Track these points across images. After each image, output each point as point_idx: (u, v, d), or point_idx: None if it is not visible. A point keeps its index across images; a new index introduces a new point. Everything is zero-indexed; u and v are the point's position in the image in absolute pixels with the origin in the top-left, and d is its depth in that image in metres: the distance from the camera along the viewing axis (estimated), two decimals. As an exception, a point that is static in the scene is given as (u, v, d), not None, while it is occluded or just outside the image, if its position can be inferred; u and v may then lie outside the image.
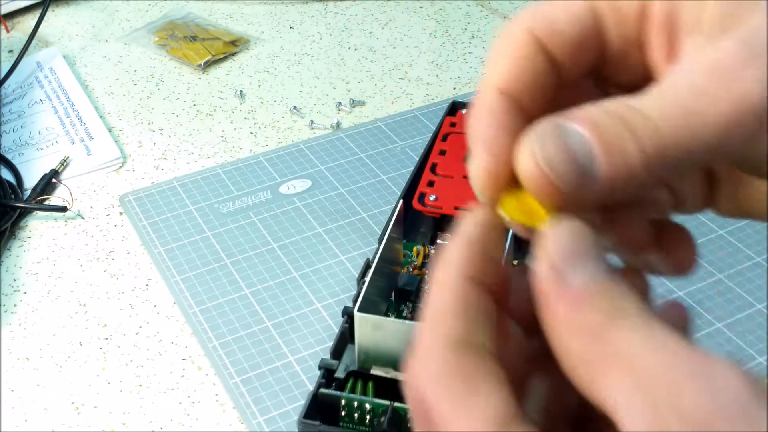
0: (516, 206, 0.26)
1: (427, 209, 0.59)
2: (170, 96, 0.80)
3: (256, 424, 0.50)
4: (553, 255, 0.24)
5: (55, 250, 0.63)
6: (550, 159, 0.24)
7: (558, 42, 0.27)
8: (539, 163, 0.24)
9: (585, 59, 0.27)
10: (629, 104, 0.24)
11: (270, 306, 0.58)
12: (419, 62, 0.84)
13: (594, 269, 0.23)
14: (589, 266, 0.23)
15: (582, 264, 0.23)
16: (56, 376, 0.54)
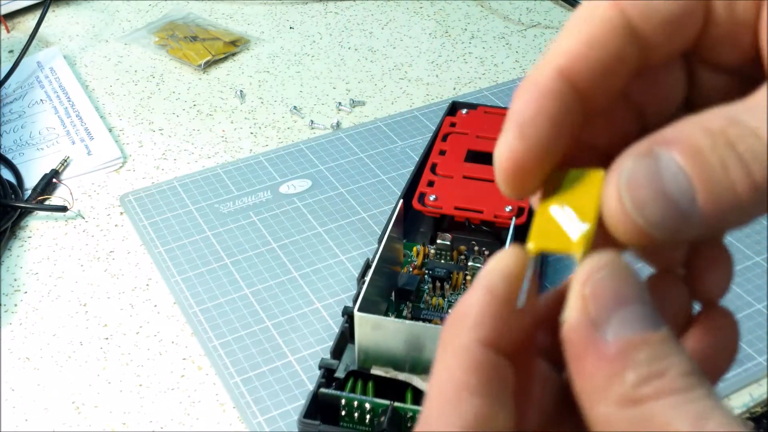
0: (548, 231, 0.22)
1: (427, 209, 0.59)
2: (170, 96, 0.80)
3: (256, 424, 0.50)
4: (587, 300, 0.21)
5: (56, 250, 0.63)
6: (643, 206, 0.20)
7: (652, 19, 0.23)
8: (629, 211, 0.21)
9: (681, 39, 0.24)
10: (735, 118, 0.20)
11: (270, 306, 0.58)
12: (419, 62, 0.84)
13: (634, 319, 0.20)
14: (629, 316, 0.20)
15: (621, 313, 0.20)
16: (56, 376, 0.54)
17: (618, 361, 0.20)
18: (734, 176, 0.20)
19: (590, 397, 0.20)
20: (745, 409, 0.52)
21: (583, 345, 0.20)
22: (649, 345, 0.20)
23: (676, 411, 0.19)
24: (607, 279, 0.21)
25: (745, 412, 0.52)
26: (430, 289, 0.56)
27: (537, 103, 0.23)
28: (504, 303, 0.22)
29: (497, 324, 0.21)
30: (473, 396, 0.21)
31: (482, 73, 0.83)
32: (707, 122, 0.20)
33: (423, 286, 0.57)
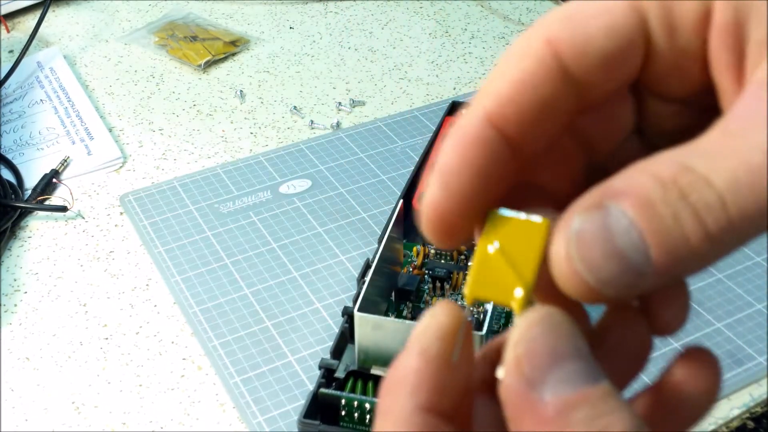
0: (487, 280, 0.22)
1: (427, 209, 0.59)
2: (170, 96, 0.80)
3: (256, 424, 0.50)
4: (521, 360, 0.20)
5: (56, 250, 0.63)
6: (593, 266, 0.20)
7: (586, 58, 0.22)
8: (579, 270, 0.20)
9: (620, 76, 0.22)
10: (687, 164, 0.19)
11: (270, 306, 0.58)
12: (419, 62, 0.84)
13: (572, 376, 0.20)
14: (566, 373, 0.20)
15: (557, 371, 0.20)
16: (56, 376, 0.54)
17: (556, 422, 0.19)
18: (687, 229, 0.19)
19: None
20: (745, 409, 0.52)
21: (520, 406, 0.20)
22: (588, 402, 0.19)
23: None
24: (541, 337, 0.20)
25: (745, 412, 0.52)
26: (430, 289, 0.56)
27: (461, 153, 0.22)
28: (440, 364, 0.21)
29: (435, 386, 0.21)
30: None
31: (482, 73, 0.83)
32: (657, 170, 0.20)
33: (423, 286, 0.57)
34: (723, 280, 0.59)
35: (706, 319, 0.56)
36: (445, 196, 0.22)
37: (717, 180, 0.19)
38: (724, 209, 0.19)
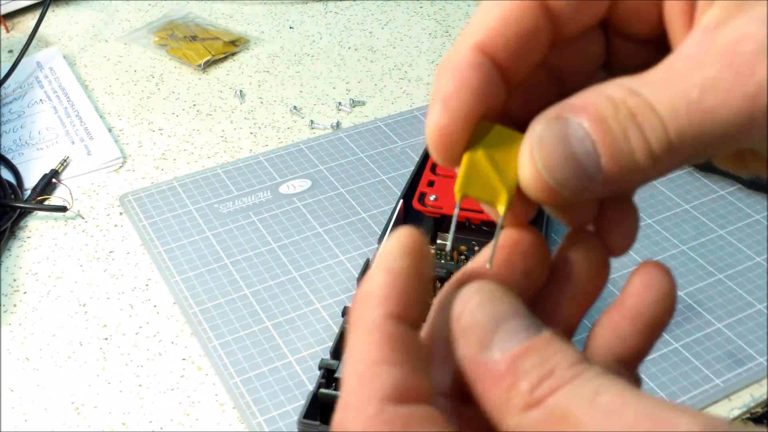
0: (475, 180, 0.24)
1: (427, 209, 0.59)
2: (170, 96, 0.80)
3: (256, 424, 0.50)
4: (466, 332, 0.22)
5: (55, 250, 0.63)
6: (552, 166, 0.23)
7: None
8: (540, 171, 0.23)
9: (590, 14, 0.25)
10: (636, 90, 0.22)
11: (270, 306, 0.58)
12: (419, 62, 0.84)
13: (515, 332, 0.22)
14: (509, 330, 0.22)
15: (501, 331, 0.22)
16: (56, 376, 0.54)
17: (509, 375, 0.21)
18: (634, 144, 0.22)
19: (497, 414, 0.21)
20: (746, 410, 0.52)
21: (476, 371, 0.22)
22: (534, 350, 0.21)
23: (571, 397, 0.20)
24: (479, 306, 0.22)
25: (745, 412, 0.52)
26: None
27: (458, 77, 0.24)
28: (405, 279, 0.22)
29: (402, 299, 0.22)
30: (390, 367, 0.21)
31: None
32: (610, 92, 0.22)
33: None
34: (723, 280, 0.59)
35: (706, 319, 0.56)
36: (447, 117, 0.24)
37: (659, 107, 0.22)
38: (665, 133, 0.22)
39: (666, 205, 0.65)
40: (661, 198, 0.66)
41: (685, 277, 0.59)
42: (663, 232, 0.63)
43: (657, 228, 0.63)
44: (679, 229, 0.63)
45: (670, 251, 0.61)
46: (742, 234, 0.63)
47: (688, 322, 0.56)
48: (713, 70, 0.22)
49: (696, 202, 0.66)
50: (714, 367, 0.53)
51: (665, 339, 0.55)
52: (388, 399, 0.21)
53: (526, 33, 0.25)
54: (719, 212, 0.65)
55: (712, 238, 0.63)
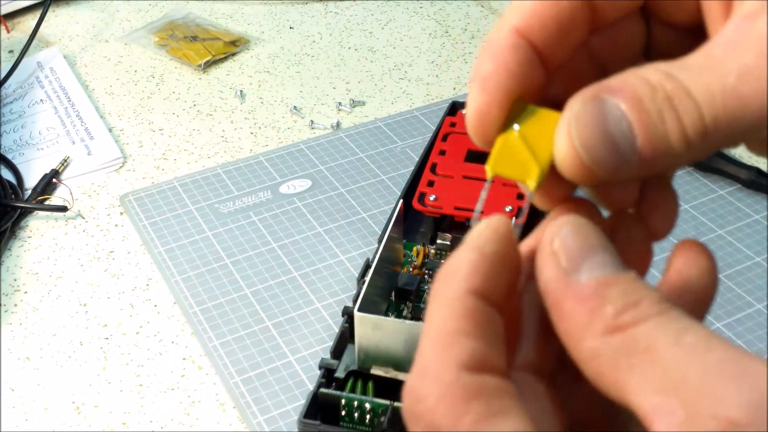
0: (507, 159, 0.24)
1: (427, 209, 0.59)
2: (170, 96, 0.80)
3: (256, 424, 0.50)
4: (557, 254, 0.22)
5: (56, 250, 0.63)
6: (588, 144, 0.23)
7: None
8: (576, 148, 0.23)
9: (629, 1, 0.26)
10: (673, 75, 0.23)
11: (270, 306, 0.58)
12: (419, 62, 0.84)
13: (603, 264, 0.22)
14: (598, 261, 0.22)
15: (590, 260, 0.22)
16: (56, 376, 0.54)
17: (595, 297, 0.21)
18: (669, 127, 0.22)
19: (574, 336, 0.22)
20: None
21: (560, 292, 0.22)
22: (620, 282, 0.22)
23: (656, 331, 0.20)
24: (572, 234, 0.23)
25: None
26: (430, 289, 0.56)
27: (496, 59, 0.25)
28: (492, 261, 0.23)
29: (486, 278, 0.23)
30: (468, 338, 0.22)
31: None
32: (647, 74, 0.23)
33: (423, 286, 0.57)
34: (723, 280, 0.59)
35: (706, 320, 0.56)
36: (485, 99, 0.24)
37: (695, 92, 0.22)
38: (700, 118, 0.22)
39: (666, 205, 0.65)
40: (660, 198, 0.66)
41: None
42: (663, 232, 0.63)
43: (657, 228, 0.63)
44: (679, 229, 0.63)
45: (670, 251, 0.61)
46: (742, 234, 0.63)
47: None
48: (750, 57, 0.22)
49: (696, 202, 0.66)
50: (714, 367, 0.53)
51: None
52: (465, 367, 0.21)
53: (564, 17, 0.25)
54: (719, 212, 0.65)
55: (712, 238, 0.63)
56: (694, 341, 0.20)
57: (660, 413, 0.20)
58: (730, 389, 0.19)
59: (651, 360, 0.20)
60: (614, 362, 0.21)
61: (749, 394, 0.19)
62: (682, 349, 0.20)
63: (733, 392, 0.19)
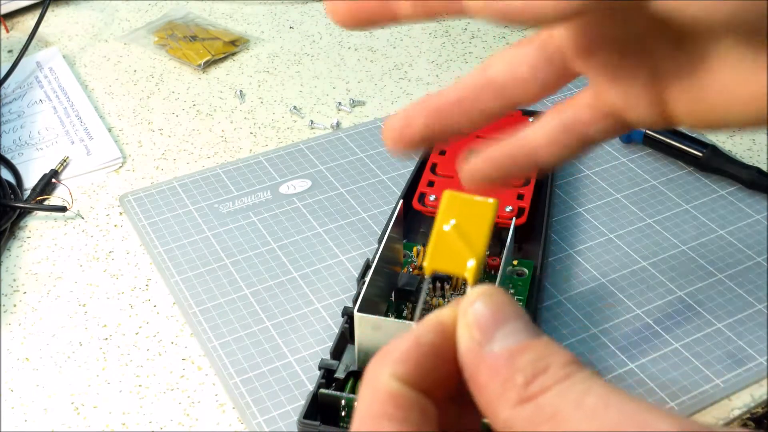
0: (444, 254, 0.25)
1: (427, 209, 0.59)
2: (170, 96, 0.80)
3: (256, 424, 0.50)
4: (471, 327, 0.23)
5: (55, 250, 0.63)
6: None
7: None
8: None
9: None
10: None
11: (270, 306, 0.58)
12: (419, 62, 0.84)
13: (516, 332, 0.23)
14: (511, 330, 0.23)
15: (503, 330, 0.23)
16: (56, 377, 0.54)
17: (506, 368, 0.22)
18: None
19: (490, 407, 0.22)
20: (746, 410, 0.52)
21: (475, 363, 0.23)
22: (532, 348, 0.22)
23: (560, 398, 0.21)
24: (484, 306, 0.23)
25: (746, 412, 0.52)
26: (430, 290, 0.56)
27: None
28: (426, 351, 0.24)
29: (416, 366, 0.23)
30: (390, 422, 0.22)
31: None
32: None
33: (423, 286, 0.57)
34: (723, 280, 0.59)
35: (706, 319, 0.56)
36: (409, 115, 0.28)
37: None
38: None
39: (666, 205, 0.65)
40: (661, 198, 0.66)
41: (685, 277, 0.59)
42: (663, 232, 0.63)
43: (657, 228, 0.63)
44: (679, 229, 0.63)
45: (670, 251, 0.61)
46: (742, 234, 0.63)
47: (688, 322, 0.56)
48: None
49: (696, 202, 0.66)
50: (714, 367, 0.53)
51: (665, 339, 0.55)
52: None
53: None
54: (719, 212, 0.65)
55: (712, 238, 0.63)
56: (594, 402, 0.21)
57: None
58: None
59: (557, 425, 0.21)
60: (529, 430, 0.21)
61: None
62: (582, 412, 0.21)
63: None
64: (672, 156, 0.69)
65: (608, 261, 0.61)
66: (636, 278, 0.59)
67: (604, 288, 0.59)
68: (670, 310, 0.57)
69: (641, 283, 0.59)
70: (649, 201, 0.66)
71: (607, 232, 0.63)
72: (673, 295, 0.58)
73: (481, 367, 0.22)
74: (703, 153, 0.67)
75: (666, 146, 0.69)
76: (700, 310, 0.57)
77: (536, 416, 0.21)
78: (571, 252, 0.61)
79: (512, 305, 0.24)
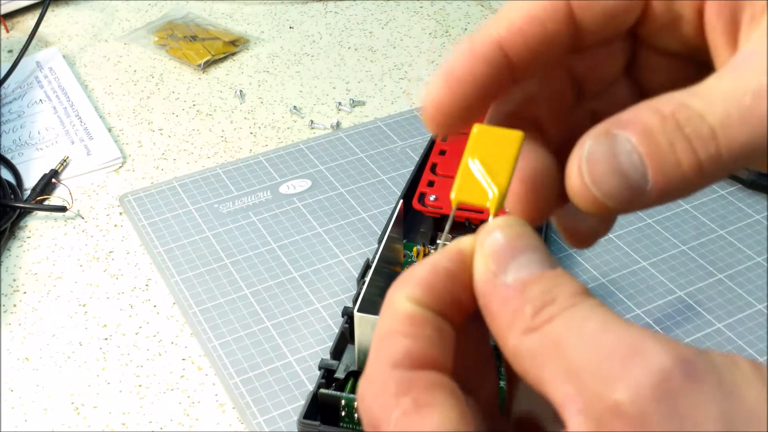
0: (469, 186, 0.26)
1: (427, 209, 0.59)
2: (170, 96, 0.80)
3: (256, 424, 0.50)
4: (486, 257, 0.23)
5: (55, 250, 0.63)
6: (600, 181, 0.23)
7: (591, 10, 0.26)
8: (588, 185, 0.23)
9: (615, 29, 0.26)
10: (685, 103, 0.23)
11: (270, 306, 0.58)
12: (419, 62, 0.84)
13: (529, 264, 0.23)
14: (524, 262, 0.23)
15: (516, 261, 0.23)
16: (56, 377, 0.54)
17: (516, 298, 0.22)
18: (681, 155, 0.22)
19: (500, 335, 0.23)
20: None
21: (489, 293, 0.23)
22: (542, 280, 0.22)
23: (564, 324, 0.21)
24: (501, 236, 0.24)
25: (745, 412, 0.52)
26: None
27: (469, 64, 0.26)
28: (442, 276, 0.24)
29: (431, 290, 0.24)
30: (403, 337, 0.23)
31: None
32: (660, 106, 0.23)
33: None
34: (723, 280, 0.59)
35: (706, 319, 0.56)
36: (446, 96, 0.26)
37: (710, 116, 0.22)
38: (714, 141, 0.22)
39: (666, 205, 0.65)
40: (661, 198, 0.66)
41: (685, 277, 0.59)
42: (663, 232, 0.63)
43: (657, 228, 0.63)
44: (679, 229, 0.63)
45: (670, 251, 0.61)
46: (742, 234, 0.63)
47: (688, 322, 0.56)
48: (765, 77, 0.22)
49: (696, 202, 0.66)
50: (714, 367, 0.53)
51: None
52: (397, 364, 0.22)
53: (547, 36, 0.26)
54: (719, 212, 0.65)
55: (712, 238, 0.63)
56: (594, 327, 0.21)
57: (566, 401, 0.21)
58: (619, 372, 0.20)
59: (558, 352, 0.21)
60: (533, 359, 0.22)
61: (637, 376, 0.20)
62: (583, 337, 0.21)
63: (620, 374, 0.20)
64: (672, 156, 0.69)
65: (608, 261, 0.61)
66: (636, 278, 0.59)
67: (604, 288, 0.59)
68: (670, 310, 0.57)
69: (641, 283, 0.59)
70: (649, 201, 0.66)
71: (607, 232, 0.63)
72: (673, 295, 0.58)
73: (494, 297, 0.23)
74: (703, 153, 0.67)
75: (666, 146, 0.69)
76: (700, 310, 0.57)
77: (541, 345, 0.22)
78: (571, 252, 0.61)
79: (529, 237, 0.24)
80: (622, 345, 0.20)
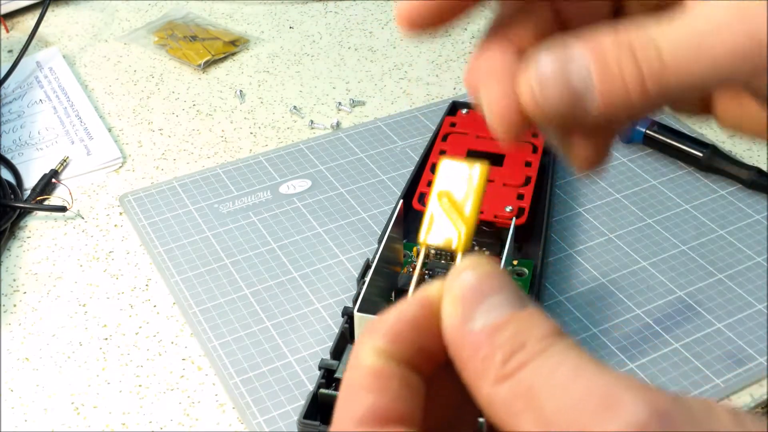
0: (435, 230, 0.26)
1: (427, 209, 0.59)
2: (170, 96, 0.80)
3: (256, 424, 0.50)
4: (454, 303, 0.23)
5: (55, 250, 0.63)
6: (543, 81, 0.24)
7: None
8: (537, 97, 0.24)
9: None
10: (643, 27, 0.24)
11: (270, 306, 0.58)
12: (419, 62, 0.84)
13: (497, 306, 0.22)
14: (492, 305, 0.22)
15: (484, 305, 0.22)
16: (56, 377, 0.54)
17: (486, 345, 0.22)
18: (628, 79, 0.23)
19: (473, 384, 0.22)
20: (746, 410, 0.52)
21: (458, 340, 0.22)
22: (512, 323, 0.22)
23: (536, 372, 0.21)
24: (468, 280, 0.23)
25: (745, 412, 0.52)
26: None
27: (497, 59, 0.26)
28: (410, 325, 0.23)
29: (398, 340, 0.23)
30: (368, 393, 0.22)
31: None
32: (619, 28, 0.24)
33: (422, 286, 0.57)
34: (723, 280, 0.59)
35: (706, 319, 0.56)
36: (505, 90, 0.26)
37: (663, 42, 0.23)
38: (661, 65, 0.23)
39: (666, 205, 0.65)
40: (661, 198, 0.66)
41: (685, 277, 0.59)
42: (663, 232, 0.63)
43: (657, 228, 0.63)
44: (679, 229, 0.63)
45: (670, 251, 0.61)
46: (742, 234, 0.63)
47: (688, 322, 0.56)
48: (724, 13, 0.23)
49: (696, 202, 0.66)
50: (714, 367, 0.53)
51: (665, 339, 0.55)
52: (361, 421, 0.22)
53: None
54: (719, 212, 0.65)
55: (712, 238, 0.63)
56: (566, 373, 0.20)
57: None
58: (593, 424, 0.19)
59: (532, 401, 0.20)
60: (507, 408, 0.21)
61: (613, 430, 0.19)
62: (555, 385, 0.20)
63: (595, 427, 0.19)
64: (672, 156, 0.69)
65: (608, 261, 0.61)
66: (636, 278, 0.59)
67: (604, 288, 0.59)
68: (670, 310, 0.57)
69: (641, 283, 0.59)
70: (649, 201, 0.66)
71: (607, 232, 0.63)
72: (673, 295, 0.58)
73: (464, 344, 0.22)
74: (703, 153, 0.67)
75: (666, 146, 0.69)
76: (700, 310, 0.57)
77: (514, 394, 0.21)
78: (571, 252, 0.61)
79: (497, 277, 0.23)
80: (596, 394, 0.20)
